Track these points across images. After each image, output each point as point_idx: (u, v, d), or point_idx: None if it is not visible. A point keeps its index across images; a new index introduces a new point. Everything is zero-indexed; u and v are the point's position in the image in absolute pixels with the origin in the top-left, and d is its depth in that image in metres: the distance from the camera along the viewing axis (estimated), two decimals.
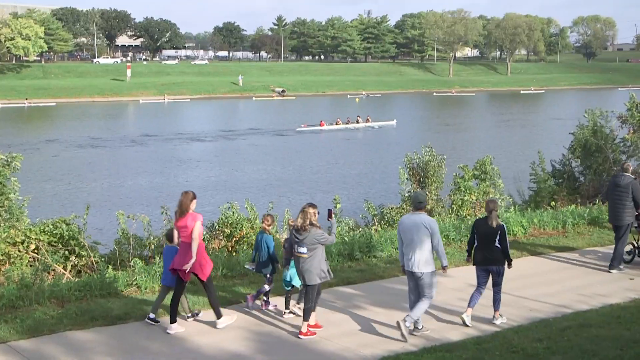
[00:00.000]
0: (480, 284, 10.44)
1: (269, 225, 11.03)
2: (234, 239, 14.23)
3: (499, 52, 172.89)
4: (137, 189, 36.50)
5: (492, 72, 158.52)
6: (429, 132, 62.36)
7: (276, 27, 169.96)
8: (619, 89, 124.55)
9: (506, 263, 10.34)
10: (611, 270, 13.25)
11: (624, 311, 10.56)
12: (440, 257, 9.87)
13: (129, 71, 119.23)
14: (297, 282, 10.50)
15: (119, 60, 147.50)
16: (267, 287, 10.90)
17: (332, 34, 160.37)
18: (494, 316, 10.36)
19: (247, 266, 11.61)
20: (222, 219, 14.59)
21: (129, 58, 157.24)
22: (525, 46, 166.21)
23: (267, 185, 37.01)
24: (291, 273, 10.54)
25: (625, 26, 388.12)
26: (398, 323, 9.60)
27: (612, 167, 20.97)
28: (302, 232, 9.75)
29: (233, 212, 14.64)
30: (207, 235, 14.14)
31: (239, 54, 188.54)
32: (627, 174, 13.58)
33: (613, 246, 13.67)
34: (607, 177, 20.78)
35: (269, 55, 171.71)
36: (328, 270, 10.03)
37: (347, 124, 68.23)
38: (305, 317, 9.82)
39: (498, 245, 10.20)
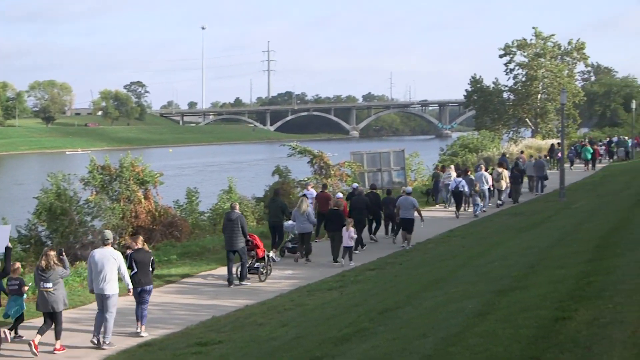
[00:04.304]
0: (143, 302, 13.02)
1: None
2: None
3: None
4: None
5: None
6: None
7: None
8: (67, 152, 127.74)
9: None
10: (242, 282, 17.15)
11: None
12: (126, 282, 12.66)
13: None
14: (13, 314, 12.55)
15: None
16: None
17: None
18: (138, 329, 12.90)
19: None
20: None
21: None
22: None
23: None
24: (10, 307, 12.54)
25: (82, 91, 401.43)
26: (95, 342, 12.10)
27: (79, 229, 21.22)
28: (48, 271, 11.98)
29: None
30: None
31: None
32: (236, 211, 17.68)
33: None
34: (75, 239, 20.94)
35: None
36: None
37: None
38: (57, 336, 11.93)
39: (150, 269, 13.32)
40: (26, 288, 12.80)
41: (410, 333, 8.33)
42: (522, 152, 44.00)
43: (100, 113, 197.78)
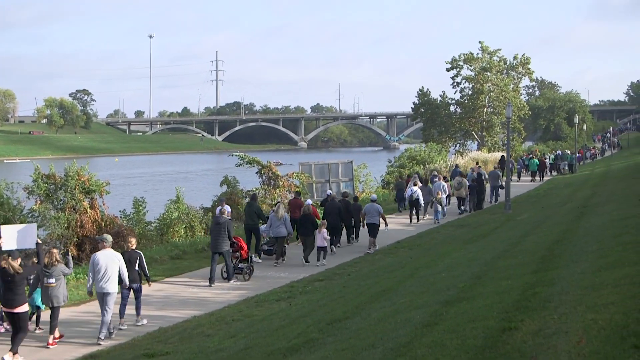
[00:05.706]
0: (124, 298, 14.25)
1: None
2: None
3: None
4: None
5: None
6: None
7: None
8: (5, 161, 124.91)
9: (147, 282, 15.10)
10: (230, 281, 18.43)
11: None
12: (125, 282, 13.65)
13: None
14: (41, 305, 13.73)
15: None
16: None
17: None
18: (137, 320, 14.26)
19: None
20: None
21: None
22: None
23: None
24: (35, 298, 13.70)
25: (26, 99, 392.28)
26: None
27: None
28: (51, 267, 12.94)
29: None
30: None
31: None
32: (223, 216, 19.17)
33: None
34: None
35: None
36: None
37: None
38: (52, 331, 12.83)
39: (138, 269, 14.45)
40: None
41: (359, 344, 8.36)
42: (477, 163, 44.91)
43: (44, 121, 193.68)
